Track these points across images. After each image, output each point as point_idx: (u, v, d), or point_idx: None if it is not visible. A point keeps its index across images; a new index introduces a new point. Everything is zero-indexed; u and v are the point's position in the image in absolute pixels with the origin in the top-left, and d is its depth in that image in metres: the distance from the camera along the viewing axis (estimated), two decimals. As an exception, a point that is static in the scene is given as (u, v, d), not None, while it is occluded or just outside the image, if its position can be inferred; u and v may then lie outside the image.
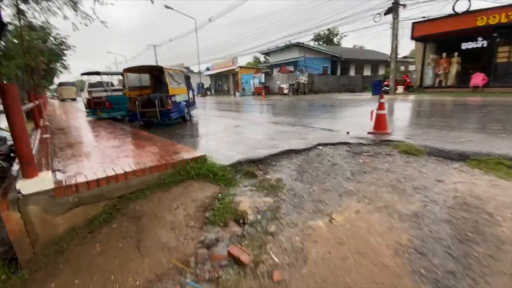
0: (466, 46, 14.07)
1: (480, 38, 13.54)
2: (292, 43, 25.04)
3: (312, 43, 33.11)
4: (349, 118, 7.22)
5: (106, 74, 8.49)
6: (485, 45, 13.49)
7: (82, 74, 8.47)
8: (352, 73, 28.41)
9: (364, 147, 3.87)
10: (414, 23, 15.14)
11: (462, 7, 13.24)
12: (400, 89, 15.61)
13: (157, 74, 7.66)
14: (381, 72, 29.65)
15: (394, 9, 14.54)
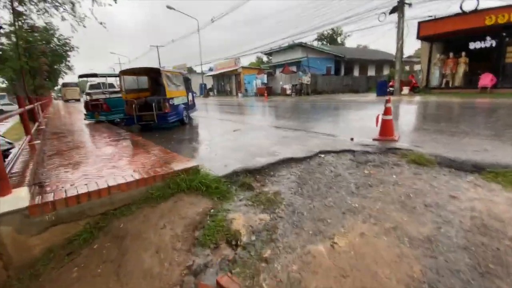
0: (474, 45, 13.67)
1: (488, 38, 13.14)
2: (295, 43, 24.70)
3: (315, 43, 32.76)
4: (353, 122, 6.93)
5: (103, 76, 8.33)
6: (493, 44, 13.09)
7: (79, 76, 8.34)
8: (356, 73, 27.98)
9: (369, 156, 3.62)
10: (420, 22, 14.75)
11: (470, 6, 12.88)
12: (405, 90, 15.23)
13: (155, 76, 7.46)
14: (385, 72, 29.18)
15: (399, 8, 14.19)
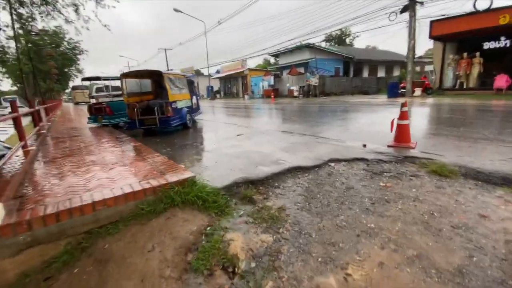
0: (488, 45, 13.11)
1: (503, 38, 12.58)
2: (302, 44, 24.34)
3: (323, 44, 32.29)
4: (364, 126, 6.52)
5: (107, 79, 8.23)
6: (508, 44, 12.53)
7: (82, 79, 8.27)
8: (365, 74, 27.40)
9: (384, 165, 3.29)
10: (433, 21, 14.23)
11: (483, 5, 12.32)
12: (418, 91, 14.68)
13: (158, 79, 7.28)
14: (396, 73, 28.51)
15: (410, 6, 13.72)
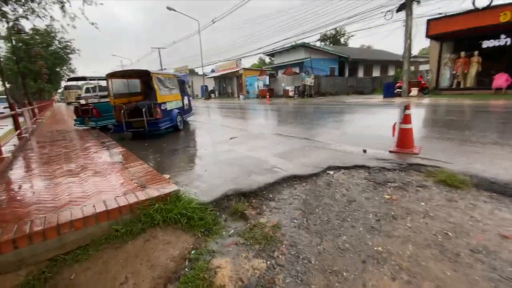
0: (487, 44, 12.98)
1: (503, 36, 12.46)
2: (297, 44, 24.10)
3: (318, 44, 32.11)
4: (362, 129, 6.22)
5: (92, 79, 7.85)
6: (508, 43, 12.41)
7: (67, 80, 7.90)
8: (360, 74, 27.28)
9: (387, 174, 3.03)
10: (429, 20, 14.08)
11: (482, 2, 12.20)
12: (414, 91, 14.54)
13: (147, 79, 6.94)
14: (391, 73, 28.46)
15: (407, 5, 13.55)
